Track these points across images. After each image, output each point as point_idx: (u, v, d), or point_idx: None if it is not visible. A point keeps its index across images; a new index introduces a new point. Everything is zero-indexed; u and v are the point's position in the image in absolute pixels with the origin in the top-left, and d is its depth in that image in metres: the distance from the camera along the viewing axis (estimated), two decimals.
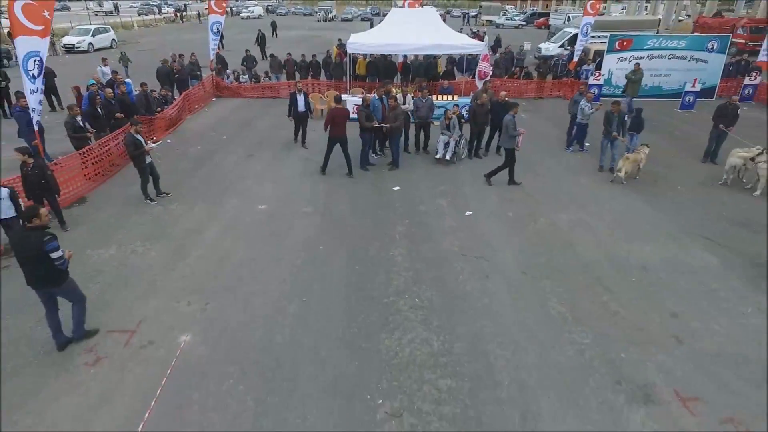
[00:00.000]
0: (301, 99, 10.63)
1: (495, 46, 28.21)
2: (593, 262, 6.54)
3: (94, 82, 11.58)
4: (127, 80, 13.21)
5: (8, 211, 6.25)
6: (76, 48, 27.27)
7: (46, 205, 6.55)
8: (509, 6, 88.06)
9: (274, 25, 36.78)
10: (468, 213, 7.97)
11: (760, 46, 27.85)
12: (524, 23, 52.90)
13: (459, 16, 72.81)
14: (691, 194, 8.82)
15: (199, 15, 59.71)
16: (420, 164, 10.25)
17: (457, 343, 5.01)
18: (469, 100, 11.35)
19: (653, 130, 13.01)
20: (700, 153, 10.60)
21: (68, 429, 4.00)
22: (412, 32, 13.74)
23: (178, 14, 58.71)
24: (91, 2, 72.27)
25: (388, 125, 9.41)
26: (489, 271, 6.31)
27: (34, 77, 7.78)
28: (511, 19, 52.81)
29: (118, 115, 9.85)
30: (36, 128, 8.32)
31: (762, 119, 13.48)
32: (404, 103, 10.22)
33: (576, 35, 21.53)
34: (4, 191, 6.22)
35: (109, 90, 10.18)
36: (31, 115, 8.13)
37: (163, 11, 67.93)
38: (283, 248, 6.82)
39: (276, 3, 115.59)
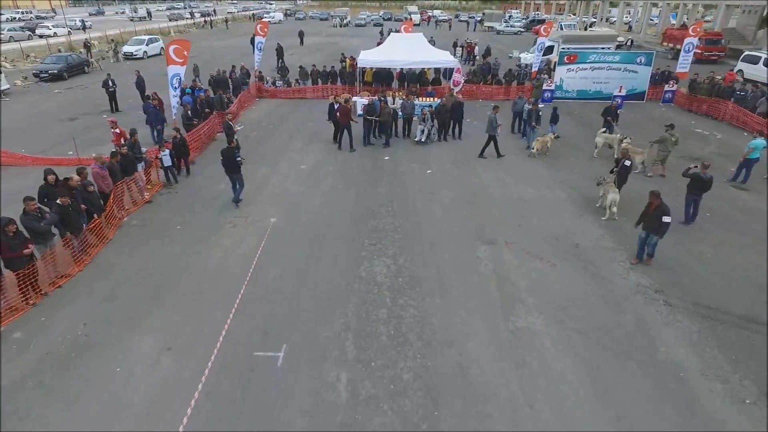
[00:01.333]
0: (337, 106, 15.55)
1: (486, 54, 33.05)
2: (494, 197, 11.49)
3: (190, 91, 16.57)
4: (202, 88, 18.40)
5: (169, 161, 11.45)
6: (134, 56, 32.77)
7: (181, 163, 11.78)
8: (515, 10, 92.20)
9: (301, 35, 41.76)
10: (428, 171, 12.99)
11: (715, 56, 32.45)
12: (523, 30, 57.25)
13: (465, 21, 76.77)
14: (576, 163, 13.68)
15: (226, 21, 65.22)
16: (404, 144, 15.28)
17: (407, 224, 10.02)
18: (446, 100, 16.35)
19: (580, 122, 17.94)
20: None
21: (225, 250, 9.07)
22: (406, 51, 18.78)
23: (207, 21, 64.17)
24: (126, 8, 78.40)
25: (379, 118, 14.49)
26: (432, 199, 11.30)
27: (175, 87, 13.00)
28: (511, 26, 57.12)
29: (206, 110, 15.06)
30: (174, 117, 13.61)
31: (661, 116, 18.26)
32: (393, 104, 15.28)
33: (552, 46, 26.36)
34: (167, 151, 11.41)
35: (202, 94, 15.40)
36: (173, 109, 13.41)
37: (195, 17, 73.34)
38: (318, 187, 11.90)
39: (294, 7, 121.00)
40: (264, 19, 70.86)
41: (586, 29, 53.07)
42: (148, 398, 5.71)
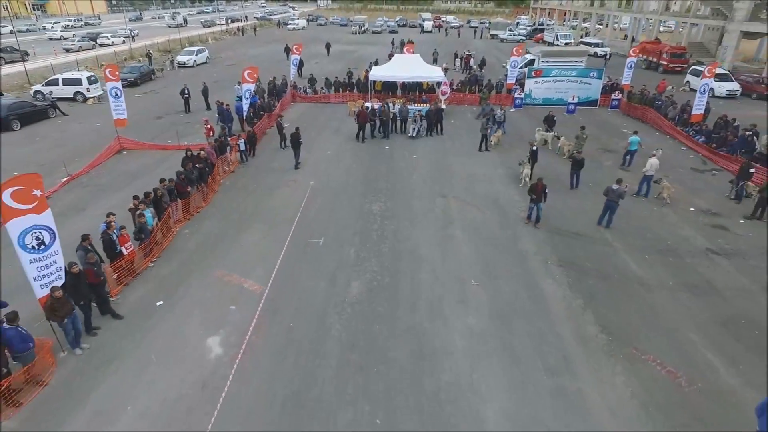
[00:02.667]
0: (357, 111, 21.69)
1: (482, 65, 38.77)
2: (455, 172, 17.41)
3: (249, 98, 22.72)
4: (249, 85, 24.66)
5: (243, 147, 17.71)
6: (186, 64, 39.40)
7: (248, 148, 18.03)
8: (524, 17, 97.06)
9: (328, 46, 47.02)
10: (414, 156, 19.02)
11: (680, 67, 37.62)
12: (524, 38, 62.57)
13: (474, 27, 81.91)
14: (518, 152, 19.51)
15: (254, 29, 71.80)
16: (399, 138, 21.31)
17: (395, 187, 16.02)
18: (429, 107, 22.34)
19: (537, 123, 23.64)
20: None
21: (285, 198, 15.21)
22: (406, 68, 24.79)
23: (239, 28, 70.84)
24: (165, 15, 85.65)
25: (382, 119, 20.59)
26: (413, 173, 17.27)
27: (247, 98, 19.26)
28: (514, 35, 62.42)
29: (261, 113, 21.33)
30: (244, 115, 19.95)
31: (604, 120, 23.93)
32: (393, 109, 21.33)
33: (533, 60, 31.99)
34: (243, 141, 17.66)
35: (258, 101, 21.68)
36: (243, 112, 19.71)
37: (228, 23, 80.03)
38: (339, 164, 18.00)
39: (315, 11, 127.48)
40: (289, 26, 77.37)
41: (582, 37, 58.38)
42: (260, 256, 11.82)
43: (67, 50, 46.23)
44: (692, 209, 14.54)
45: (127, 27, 59.21)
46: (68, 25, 75.58)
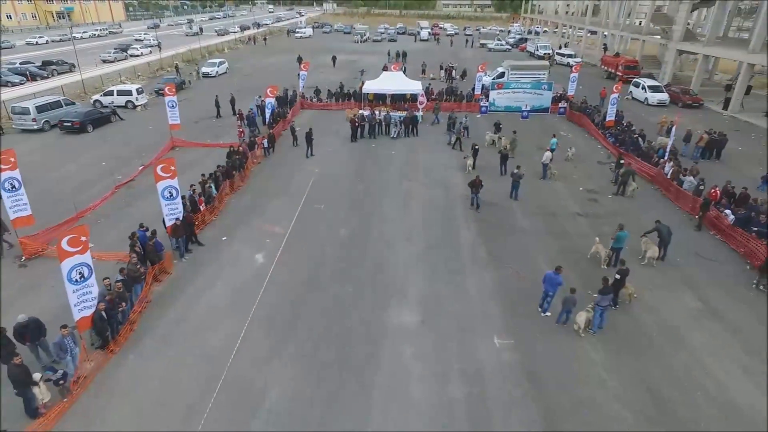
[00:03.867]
0: (364, 112, 28.13)
1: (463, 75, 45.11)
2: (421, 163, 23.74)
3: (271, 104, 29.18)
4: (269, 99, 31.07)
5: (266, 145, 24.19)
6: (210, 75, 45.97)
7: (270, 147, 24.51)
8: (517, 24, 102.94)
9: (334, 59, 52.75)
10: (392, 152, 25.43)
11: (632, 77, 43.61)
12: (510, 48, 68.74)
13: (469, 35, 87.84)
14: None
15: (264, 38, 78.33)
16: (384, 139, 27.72)
17: (377, 174, 22.40)
18: (405, 114, 28.72)
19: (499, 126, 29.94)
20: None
21: (298, 183, 21.66)
22: (392, 82, 31.22)
23: (251, 38, 77.45)
24: (183, 25, 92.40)
25: (368, 123, 27.04)
26: (391, 164, 23.62)
27: (268, 109, 25.75)
28: (501, 45, 68.56)
29: (277, 118, 27.83)
30: (267, 121, 26.45)
31: (551, 125, 30.22)
32: (379, 115, 27.75)
33: (503, 72, 38.30)
34: (266, 141, 24.14)
35: (275, 110, 28.18)
36: (266, 114, 26.22)
37: (242, 31, 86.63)
38: (337, 158, 24.39)
39: (321, 18, 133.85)
40: (297, 35, 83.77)
41: (560, 48, 64.43)
42: (282, 214, 18.18)
43: (104, 61, 52.96)
44: (581, 189, 20.86)
45: (156, 38, 65.96)
46: (95, 35, 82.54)
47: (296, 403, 9.83)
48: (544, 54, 57.74)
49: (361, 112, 29.42)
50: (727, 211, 16.32)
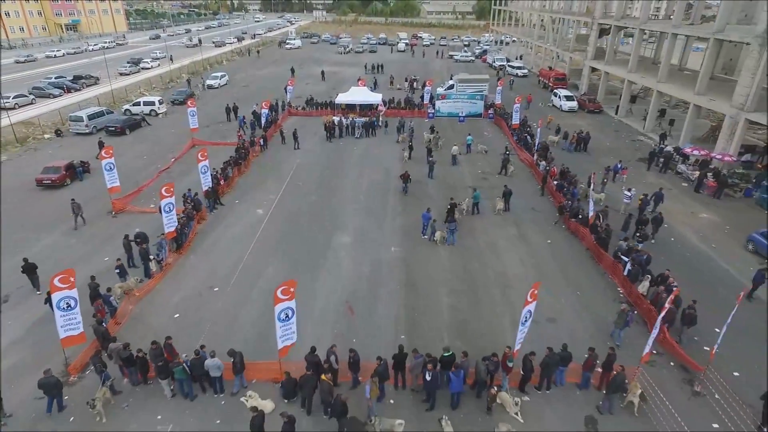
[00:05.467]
0: (336, 118, 37.53)
1: (423, 86, 54.54)
2: (376, 155, 33.18)
3: (266, 113, 38.50)
4: (265, 110, 40.32)
5: (263, 143, 33.56)
6: (214, 87, 55.14)
7: (265, 145, 33.89)
8: (488, 34, 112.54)
9: (323, 74, 61.09)
10: (355, 149, 34.86)
11: (560, 88, 53.15)
12: (474, 59, 78.42)
13: (444, 45, 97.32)
14: (417, 146, 35.32)
15: (257, 51, 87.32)
16: (351, 139, 37.12)
17: (344, 163, 31.84)
18: (365, 120, 38.16)
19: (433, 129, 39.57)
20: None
21: (284, 169, 31.01)
22: (358, 95, 40.73)
23: (246, 49, 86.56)
24: (184, 37, 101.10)
25: (338, 127, 36.54)
26: (353, 156, 33.02)
27: (264, 120, 35.15)
28: (466, 56, 78.16)
29: (270, 123, 37.23)
30: (262, 126, 35.86)
31: (479, 127, 39.86)
32: (347, 121, 37.22)
33: (453, 85, 47.80)
34: (263, 139, 33.51)
35: (268, 117, 37.59)
36: (262, 121, 35.64)
37: (240, 41, 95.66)
38: (313, 153, 33.73)
39: (310, 27, 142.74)
40: (287, 46, 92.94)
41: (516, 59, 74.02)
42: (273, 188, 27.47)
43: (121, 74, 61.93)
44: (479, 171, 30.38)
45: (164, 52, 74.94)
46: (104, 47, 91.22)
47: (281, 277, 19.14)
48: (499, 66, 67.48)
49: (333, 117, 38.77)
50: (555, 183, 25.90)
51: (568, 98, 45.46)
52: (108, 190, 23.92)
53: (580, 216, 22.11)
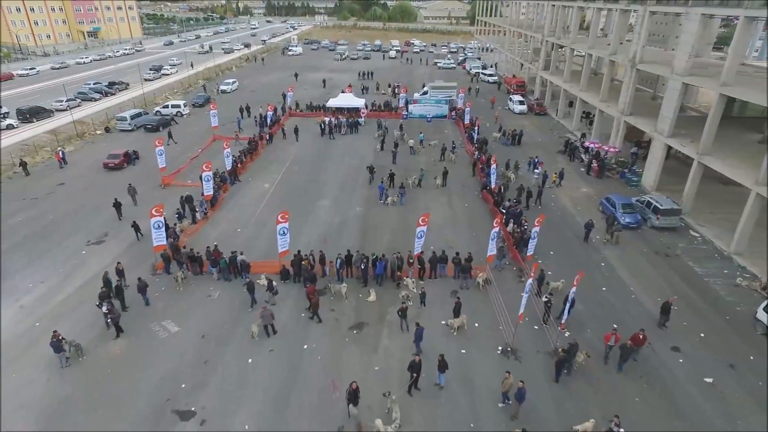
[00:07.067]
0: (327, 119, 47.30)
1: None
2: (353, 148, 43.02)
3: (271, 115, 48.33)
4: (270, 112, 50.08)
5: (268, 137, 43.47)
6: (226, 92, 65.00)
7: (270, 139, 43.75)
8: (474, 41, 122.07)
9: (324, 82, 70.33)
10: (340, 143, 44.71)
11: (520, 93, 63.09)
12: (456, 66, 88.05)
13: (432, 52, 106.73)
14: (389, 140, 45.09)
15: (262, 59, 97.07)
16: (338, 136, 46.97)
17: (331, 153, 41.67)
18: (350, 120, 47.96)
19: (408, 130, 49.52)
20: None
21: (287, 154, 40.84)
22: (346, 100, 50.60)
23: (252, 57, 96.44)
24: (196, 45, 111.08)
25: (327, 125, 46.46)
26: (338, 149, 42.94)
27: (268, 121, 45.06)
28: (448, 63, 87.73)
29: (274, 123, 47.12)
30: (267, 125, 45.79)
31: (441, 126, 49.67)
32: (336, 121, 47.09)
33: (426, 91, 57.47)
34: (268, 135, 43.40)
35: (272, 117, 47.52)
36: (267, 121, 45.56)
37: (249, 47, 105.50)
38: (308, 146, 43.58)
39: (312, 32, 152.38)
40: (289, 53, 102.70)
41: (491, 66, 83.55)
42: (276, 169, 37.35)
43: (146, 80, 71.89)
44: (432, 159, 40.10)
45: (180, 59, 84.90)
46: (125, 53, 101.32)
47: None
48: (474, 73, 77.15)
49: (325, 118, 48.56)
50: (481, 167, 35.61)
51: (520, 102, 55.14)
52: (159, 169, 33.82)
53: (488, 188, 31.82)
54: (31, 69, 76.56)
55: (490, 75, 74.21)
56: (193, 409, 16.08)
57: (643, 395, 16.83)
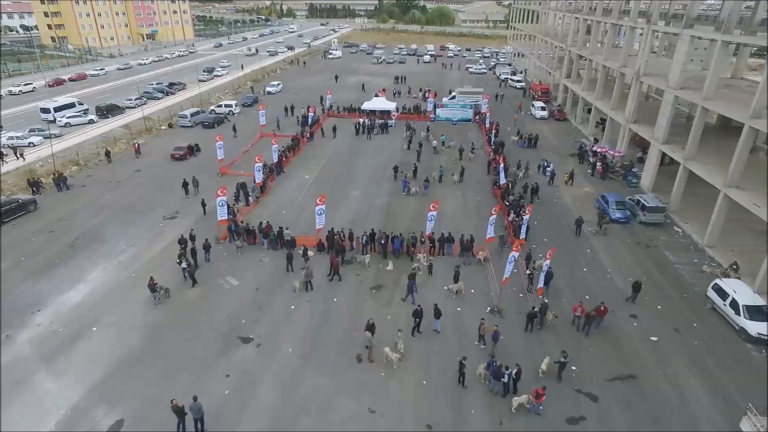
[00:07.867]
0: (362, 120, 52.80)
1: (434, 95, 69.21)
2: (383, 146, 48.30)
3: (312, 116, 54.28)
4: (311, 113, 55.92)
5: (309, 135, 49.36)
6: (272, 93, 71.53)
7: (311, 136, 49.61)
8: (508, 47, 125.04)
9: (363, 86, 75.93)
10: (372, 141, 50.08)
11: (544, 99, 66.84)
12: (486, 71, 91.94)
13: (465, 56, 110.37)
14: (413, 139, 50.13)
15: (304, 63, 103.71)
16: (374, 136, 52.42)
17: (362, 151, 47.09)
18: (382, 121, 53.22)
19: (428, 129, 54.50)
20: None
21: (327, 149, 46.52)
22: (379, 104, 55.92)
23: (296, 60, 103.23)
24: (243, 48, 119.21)
25: (361, 126, 51.96)
26: (369, 148, 48.31)
27: (310, 120, 50.96)
28: (479, 69, 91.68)
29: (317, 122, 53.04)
30: (309, 124, 51.79)
31: (464, 129, 54.34)
32: (369, 122, 52.52)
33: (455, 96, 62.15)
34: (310, 133, 49.25)
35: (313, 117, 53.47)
36: (308, 121, 51.55)
37: (293, 50, 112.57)
38: (344, 143, 49.15)
39: (352, 34, 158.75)
40: (330, 56, 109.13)
41: (520, 72, 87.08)
42: (317, 163, 43.10)
43: (200, 81, 79.50)
44: (453, 159, 44.82)
45: (231, 61, 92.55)
46: (180, 55, 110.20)
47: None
48: (503, 78, 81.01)
49: (360, 119, 54.02)
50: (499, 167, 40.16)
51: (542, 108, 59.00)
52: (218, 160, 40.11)
53: (498, 184, 36.41)
54: (100, 70, 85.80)
55: (518, 81, 77.87)
56: (251, 336, 21.71)
57: (597, 346, 21.31)
